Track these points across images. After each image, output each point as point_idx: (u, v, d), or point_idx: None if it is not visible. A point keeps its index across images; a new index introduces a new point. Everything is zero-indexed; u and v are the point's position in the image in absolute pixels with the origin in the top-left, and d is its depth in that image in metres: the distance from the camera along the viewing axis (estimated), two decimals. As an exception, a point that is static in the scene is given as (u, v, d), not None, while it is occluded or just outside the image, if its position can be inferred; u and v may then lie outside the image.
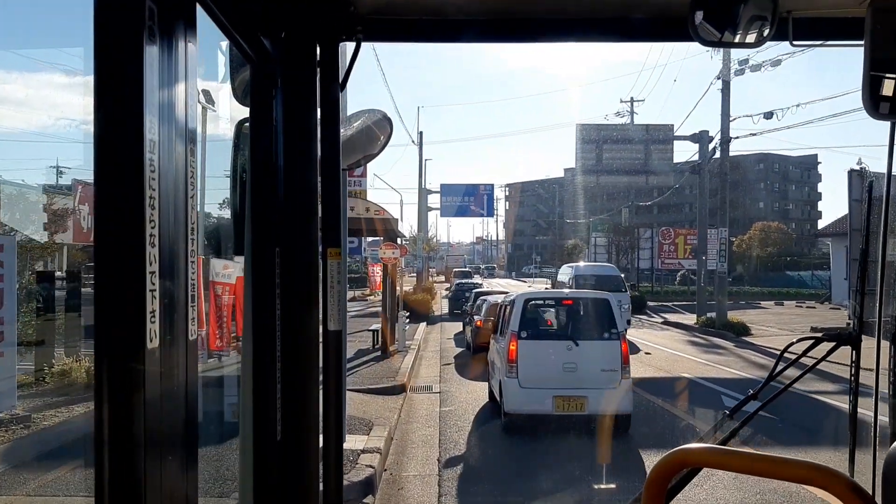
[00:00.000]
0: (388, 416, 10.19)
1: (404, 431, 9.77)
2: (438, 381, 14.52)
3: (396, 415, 10.48)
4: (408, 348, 18.60)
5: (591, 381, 9.16)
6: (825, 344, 1.85)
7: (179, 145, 1.12)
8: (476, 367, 15.33)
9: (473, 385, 13.64)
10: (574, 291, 14.79)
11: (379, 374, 14.00)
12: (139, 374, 1.00)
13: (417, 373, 15.53)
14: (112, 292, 1.01)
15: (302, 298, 1.85)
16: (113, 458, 0.99)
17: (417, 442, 9.21)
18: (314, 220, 1.87)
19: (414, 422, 10.39)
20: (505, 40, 2.09)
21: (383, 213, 16.53)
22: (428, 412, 11.10)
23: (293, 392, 1.82)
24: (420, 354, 18.67)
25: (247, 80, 1.79)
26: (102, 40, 1.00)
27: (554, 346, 9.52)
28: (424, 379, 14.79)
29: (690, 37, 1.67)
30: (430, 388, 13.47)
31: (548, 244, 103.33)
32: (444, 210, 49.24)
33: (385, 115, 5.01)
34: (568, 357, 9.25)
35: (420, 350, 19.46)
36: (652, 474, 1.20)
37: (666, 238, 48.25)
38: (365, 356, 16.65)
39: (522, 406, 9.32)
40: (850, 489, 1.04)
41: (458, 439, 9.36)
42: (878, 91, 1.46)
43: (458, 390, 13.22)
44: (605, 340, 9.41)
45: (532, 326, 9.79)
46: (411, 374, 14.70)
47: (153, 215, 1.03)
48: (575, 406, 9.03)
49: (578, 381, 9.17)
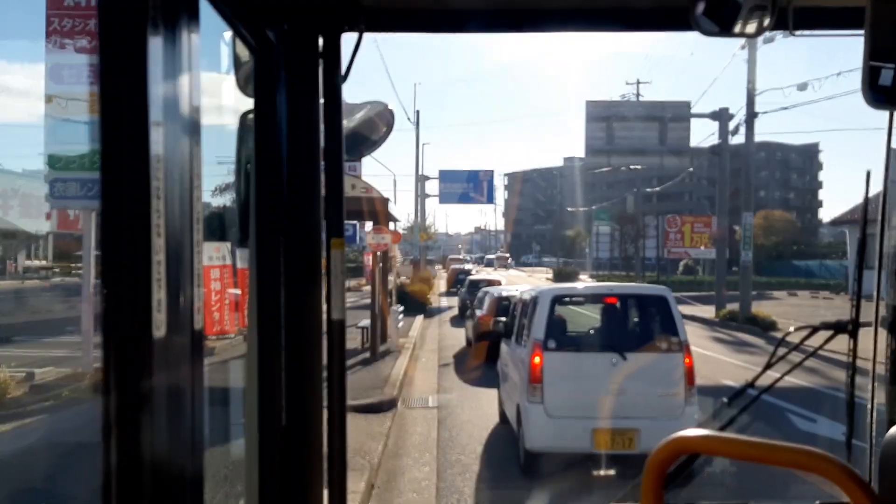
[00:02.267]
0: (371, 449, 7.80)
1: (390, 474, 7.36)
2: (436, 388, 12.13)
3: (382, 445, 8.08)
4: (402, 347, 16.20)
5: (644, 407, 6.74)
6: (823, 333, 1.80)
7: (184, 136, 1.12)
8: (478, 368, 13.38)
9: (478, 394, 11.27)
10: (620, 286, 11.23)
11: (365, 383, 11.59)
12: (146, 363, 1.01)
13: (412, 379, 13.13)
14: (118, 282, 1.02)
15: (306, 287, 1.87)
16: (120, 447, 0.99)
17: (407, 490, 6.81)
18: (318, 210, 1.89)
19: (404, 455, 7.98)
20: (508, 30, 2.06)
21: (370, 192, 14.08)
22: (423, 440, 8.69)
23: (298, 378, 1.85)
24: (416, 354, 16.28)
25: (250, 71, 1.81)
26: (106, 31, 1.01)
27: (593, 360, 7.08)
28: (420, 387, 12.40)
29: (691, 27, 1.64)
30: (427, 402, 11.08)
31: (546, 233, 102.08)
32: (444, 197, 46.92)
33: (387, 107, 5.00)
34: (612, 375, 6.84)
35: (416, 348, 17.08)
36: (650, 461, 1.23)
37: (672, 226, 46.13)
38: (351, 358, 14.19)
39: (551, 442, 6.91)
40: (846, 475, 1.06)
41: (462, 488, 6.94)
42: (878, 80, 1.45)
43: (461, 404, 10.82)
44: (663, 353, 6.99)
45: (563, 334, 7.38)
46: (404, 381, 12.31)
47: (159, 206, 1.03)
48: (622, 442, 6.64)
49: (627, 409, 6.76)
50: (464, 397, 11.37)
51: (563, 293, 8.06)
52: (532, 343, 7.11)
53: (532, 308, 7.55)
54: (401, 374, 12.50)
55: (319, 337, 1.89)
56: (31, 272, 41.22)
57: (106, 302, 0.99)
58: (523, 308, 8.30)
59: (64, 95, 11.15)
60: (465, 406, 10.67)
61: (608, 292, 7.97)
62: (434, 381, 13.09)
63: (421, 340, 19.13)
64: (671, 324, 7.07)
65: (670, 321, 7.09)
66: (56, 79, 11.32)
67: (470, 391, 11.84)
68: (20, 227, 41.64)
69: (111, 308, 1.00)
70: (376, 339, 15.09)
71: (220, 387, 7.20)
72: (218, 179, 4.13)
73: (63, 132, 11.32)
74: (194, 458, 1.14)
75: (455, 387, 12.39)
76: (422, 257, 42.18)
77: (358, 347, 15.52)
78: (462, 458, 7.87)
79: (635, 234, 48.90)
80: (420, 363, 15.26)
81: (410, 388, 12.32)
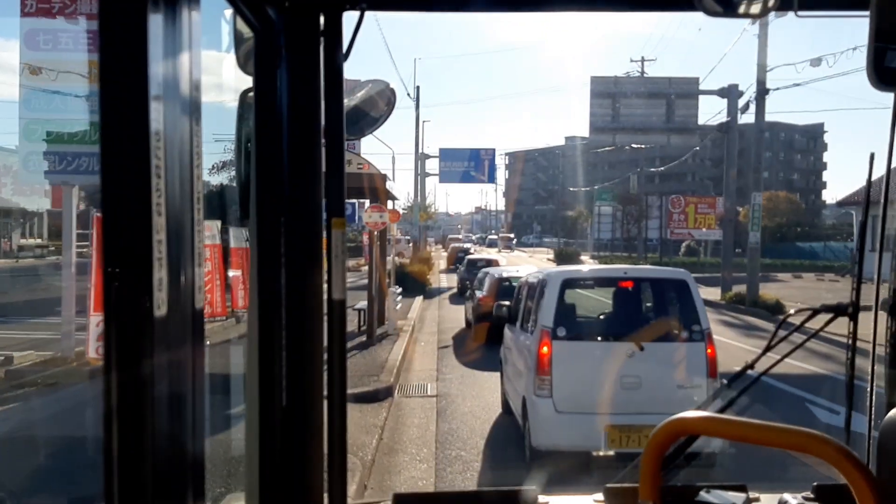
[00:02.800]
0: (365, 444, 7.24)
1: (385, 470, 6.79)
2: (435, 375, 11.57)
3: (376, 439, 7.52)
4: (400, 330, 15.63)
5: (662, 402, 6.13)
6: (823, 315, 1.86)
7: (184, 114, 1.11)
8: (478, 350, 12.97)
9: (480, 380, 10.72)
10: (636, 269, 10.39)
11: (361, 369, 11.02)
12: (147, 341, 1.01)
13: (410, 364, 12.58)
14: (119, 261, 1.01)
15: (307, 267, 1.86)
16: (121, 425, 0.99)
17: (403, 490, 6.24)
18: (319, 189, 1.87)
19: (400, 451, 7.40)
20: (509, 9, 2.06)
21: (367, 168, 13.39)
22: (420, 433, 8.11)
23: (298, 359, 1.84)
24: (415, 337, 15.73)
25: (251, 50, 1.78)
26: (106, 9, 1.01)
27: (607, 350, 6.47)
28: (418, 373, 11.84)
29: (695, 7, 1.58)
30: (425, 389, 10.52)
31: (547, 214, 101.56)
32: (444, 176, 46.00)
33: (388, 86, 4.85)
34: (628, 367, 6.24)
35: (415, 331, 16.52)
36: (649, 443, 1.24)
37: (676, 206, 45.54)
38: (348, 342, 13.59)
39: (559, 440, 6.31)
40: (844, 456, 1.07)
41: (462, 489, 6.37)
42: (883, 62, 1.45)
43: (462, 392, 10.25)
44: (684, 342, 6.38)
45: (573, 321, 6.77)
46: (401, 366, 11.75)
47: (159, 184, 1.02)
48: (638, 440, 6.04)
49: (643, 403, 6.17)
50: (464, 384, 10.81)
51: (574, 276, 7.38)
52: (540, 330, 6.50)
53: (540, 292, 6.94)
54: (398, 358, 11.94)
55: (320, 317, 1.89)
56: (27, 250, 40.68)
57: (107, 280, 1.00)
58: (529, 292, 7.69)
59: (38, 63, 10.46)
60: (466, 394, 10.10)
61: (623, 276, 7.32)
62: (433, 365, 12.53)
63: (420, 322, 18.58)
64: (692, 310, 6.45)
65: (691, 307, 6.47)
66: (32, 46, 10.65)
67: (471, 377, 11.28)
68: (15, 205, 41.04)
69: (112, 286, 1.00)
70: (373, 321, 14.51)
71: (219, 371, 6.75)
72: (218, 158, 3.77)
73: (37, 102, 10.63)
74: (195, 440, 1.13)
75: (455, 372, 11.83)
76: (422, 237, 41.55)
77: (354, 330, 14.95)
78: (463, 454, 7.30)
79: (638, 215, 48.30)
80: (419, 346, 14.70)
81: (408, 374, 11.76)
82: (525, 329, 7.44)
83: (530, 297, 7.59)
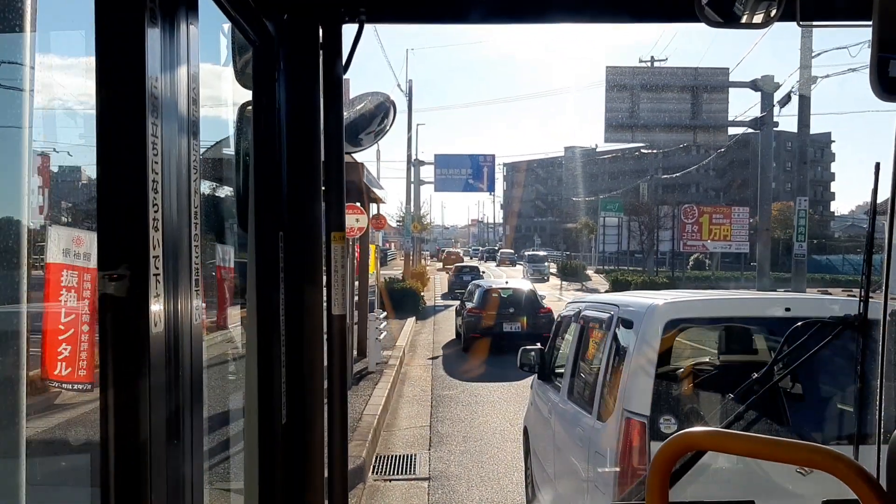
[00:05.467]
0: None
1: None
2: (428, 437, 8.37)
3: None
4: (384, 366, 12.37)
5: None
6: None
7: (182, 129, 1.11)
8: (492, 393, 10.28)
9: (489, 444, 7.53)
10: (800, 300, 5.39)
11: (323, 429, 7.82)
12: (143, 358, 1.00)
13: (393, 418, 9.39)
14: (116, 277, 1.00)
15: (306, 282, 1.85)
16: (118, 443, 0.98)
17: None
18: (318, 203, 1.87)
19: None
20: (511, 21, 2.06)
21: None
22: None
23: (298, 375, 1.83)
24: (402, 374, 12.53)
25: (249, 63, 1.80)
26: (103, 23, 1.00)
27: (750, 467, 3.29)
28: (404, 436, 8.63)
29: (697, 17, 1.63)
30: (413, 466, 7.32)
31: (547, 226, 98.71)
32: (440, 184, 42.75)
33: (388, 98, 4.82)
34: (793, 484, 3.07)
35: (403, 364, 13.30)
36: (656, 458, 1.21)
37: (689, 217, 42.56)
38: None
39: None
40: (854, 472, 1.05)
41: None
42: (887, 72, 1.39)
43: (466, 472, 7.06)
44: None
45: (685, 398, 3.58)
46: (381, 424, 8.57)
47: (156, 199, 1.02)
48: None
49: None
50: (465, 451, 7.62)
51: (688, 312, 3.80)
52: (623, 420, 3.33)
53: (614, 341, 3.75)
54: (377, 412, 8.73)
55: (320, 333, 1.86)
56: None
57: (103, 296, 0.96)
58: (581, 336, 4.51)
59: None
60: (472, 475, 6.90)
61: (785, 312, 3.65)
62: (426, 420, 9.31)
63: (411, 353, 15.35)
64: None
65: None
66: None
67: (479, 438, 8.09)
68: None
69: (108, 302, 0.98)
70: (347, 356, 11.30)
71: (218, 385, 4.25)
72: (216, 172, 2.68)
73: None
74: (194, 451, 1.10)
75: (456, 427, 8.63)
76: (416, 249, 38.30)
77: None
78: None
79: (650, 226, 45.22)
80: (406, 391, 11.49)
81: (390, 435, 8.56)
82: (572, 396, 4.29)
83: (583, 342, 4.43)
